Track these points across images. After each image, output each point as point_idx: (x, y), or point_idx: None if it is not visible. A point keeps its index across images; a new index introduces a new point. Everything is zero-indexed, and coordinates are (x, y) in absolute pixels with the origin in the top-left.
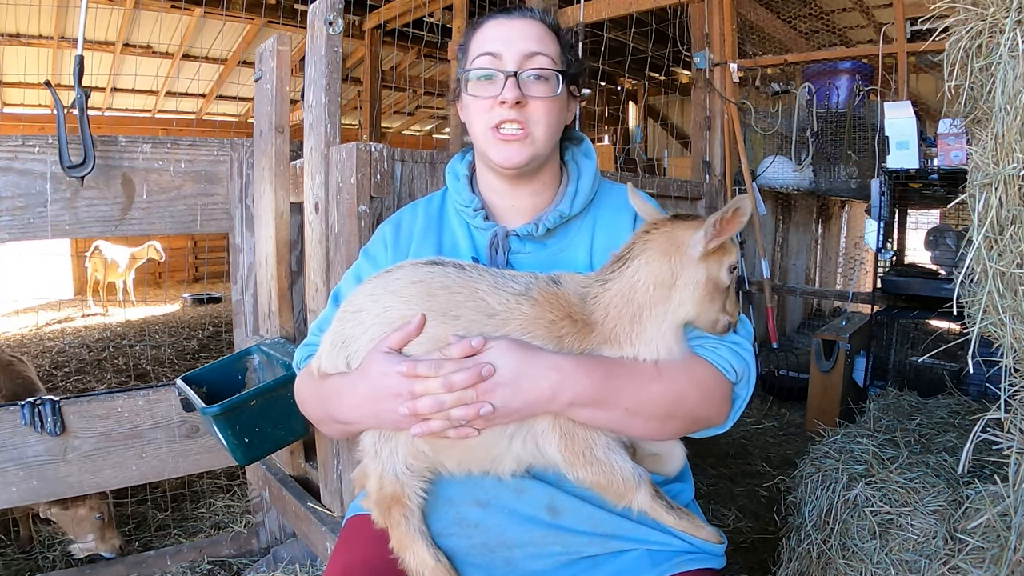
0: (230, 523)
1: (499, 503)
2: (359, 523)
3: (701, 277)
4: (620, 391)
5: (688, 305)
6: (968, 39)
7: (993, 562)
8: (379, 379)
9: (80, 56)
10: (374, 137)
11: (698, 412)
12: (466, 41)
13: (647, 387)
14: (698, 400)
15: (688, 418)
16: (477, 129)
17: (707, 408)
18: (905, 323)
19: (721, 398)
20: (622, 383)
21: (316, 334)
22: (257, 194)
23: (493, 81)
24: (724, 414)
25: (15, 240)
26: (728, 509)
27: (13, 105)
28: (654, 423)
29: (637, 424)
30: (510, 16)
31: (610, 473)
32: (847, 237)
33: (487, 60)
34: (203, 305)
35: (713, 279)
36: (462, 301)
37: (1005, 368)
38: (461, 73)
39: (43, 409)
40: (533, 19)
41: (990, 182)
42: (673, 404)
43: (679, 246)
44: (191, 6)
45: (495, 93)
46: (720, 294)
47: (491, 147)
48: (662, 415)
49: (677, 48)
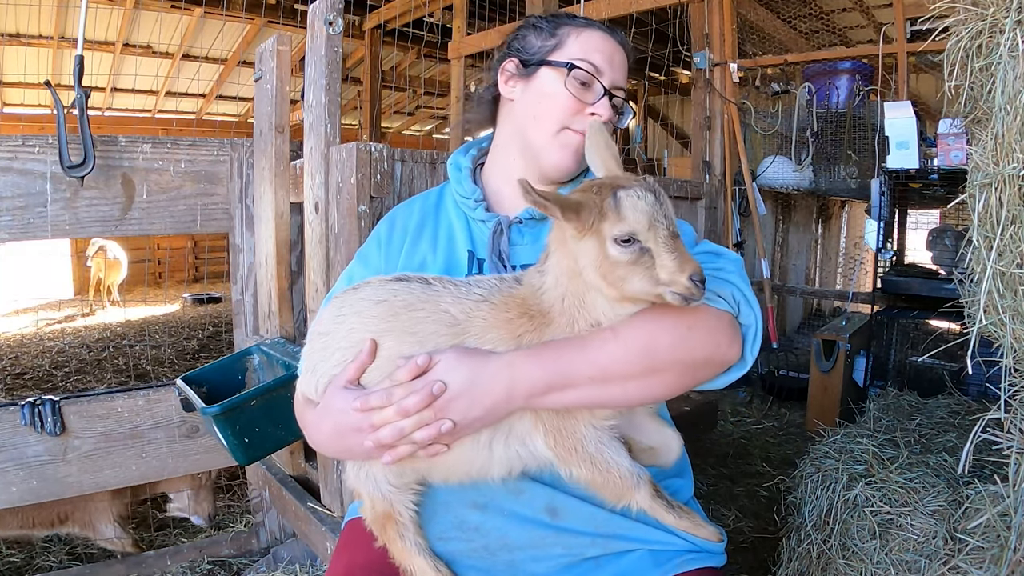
0: (230, 523)
1: (497, 505)
2: (359, 525)
3: (592, 256)
4: (574, 365)
5: (603, 287)
6: (968, 39)
7: (993, 562)
8: (339, 416)
9: (80, 56)
10: (374, 137)
11: (688, 355)
12: (559, 29)
13: (602, 351)
14: (676, 341)
15: (678, 365)
16: (548, 122)
17: (697, 346)
18: (905, 323)
19: (713, 329)
20: (573, 356)
21: None
22: (257, 194)
23: (590, 91)
24: (732, 346)
25: (15, 240)
26: (728, 509)
27: (13, 105)
28: (635, 384)
29: (616, 391)
30: (614, 36)
31: (606, 470)
32: (847, 237)
33: (591, 67)
34: (203, 305)
35: (602, 255)
36: (424, 316)
37: (1005, 368)
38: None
39: (43, 409)
40: (627, 49)
41: (990, 182)
42: (644, 356)
43: (565, 231)
44: (191, 6)
45: (589, 100)
46: (626, 268)
47: (554, 147)
48: (639, 372)
49: (677, 48)
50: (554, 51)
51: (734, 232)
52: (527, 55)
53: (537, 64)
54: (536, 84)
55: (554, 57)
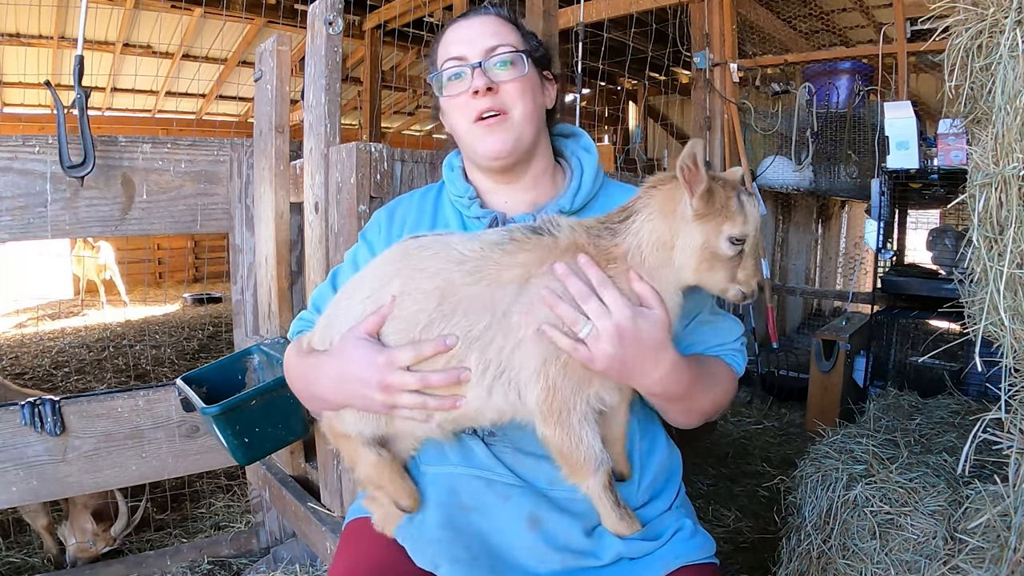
0: (230, 523)
1: (486, 509)
2: (360, 526)
3: (697, 241)
4: (694, 394)
5: (688, 270)
6: (968, 39)
7: (993, 562)
8: (353, 365)
9: (80, 56)
10: (374, 137)
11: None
12: (432, 54)
13: (708, 392)
14: (725, 403)
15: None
16: (461, 128)
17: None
18: (905, 323)
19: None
20: (697, 387)
21: (311, 309)
22: (257, 194)
23: (463, 79)
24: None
25: (15, 240)
26: (728, 509)
27: (13, 105)
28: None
29: (695, 415)
30: (467, 18)
31: (576, 444)
32: (847, 237)
33: (453, 63)
34: (203, 305)
35: (711, 247)
36: (433, 254)
37: (1005, 368)
38: (433, 80)
39: (43, 409)
40: (488, 15)
41: (990, 182)
42: (715, 405)
43: (676, 205)
44: (191, 6)
45: (463, 88)
46: (722, 263)
47: (476, 141)
48: (699, 412)
49: (677, 48)
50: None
51: None
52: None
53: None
54: (443, 106)
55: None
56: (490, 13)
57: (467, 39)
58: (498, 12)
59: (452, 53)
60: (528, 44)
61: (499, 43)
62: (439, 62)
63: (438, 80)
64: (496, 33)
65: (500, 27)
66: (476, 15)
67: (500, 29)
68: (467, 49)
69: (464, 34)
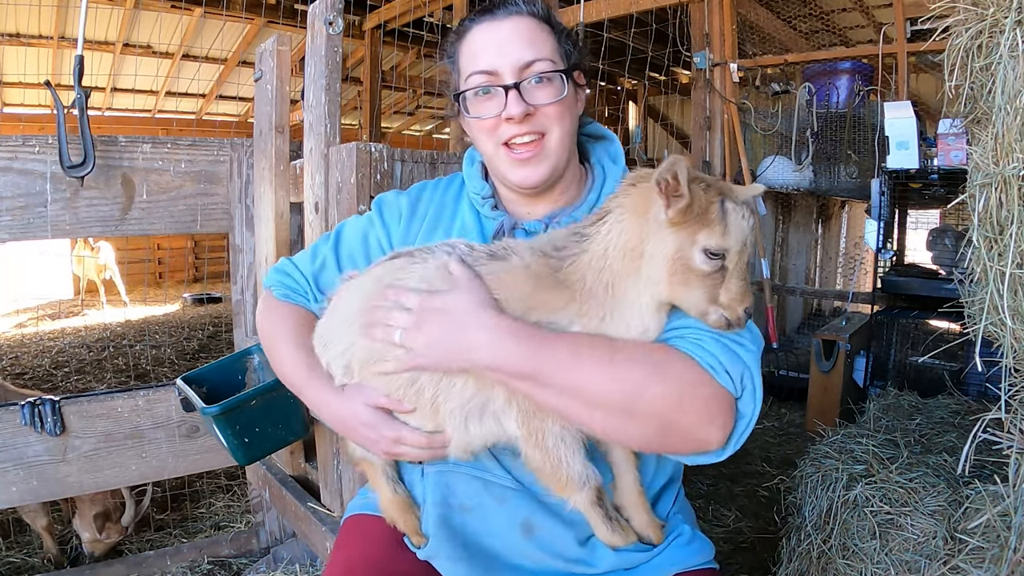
0: (230, 523)
1: (482, 511)
2: (358, 522)
3: (668, 250)
4: (554, 366)
5: (659, 284)
6: (968, 39)
7: (993, 562)
8: (363, 428)
9: (80, 56)
10: (374, 137)
11: (671, 414)
12: (453, 51)
13: (590, 368)
14: (667, 395)
15: (657, 420)
16: (486, 150)
17: (687, 411)
18: (905, 323)
19: (709, 400)
20: (559, 356)
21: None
22: (257, 194)
23: (493, 96)
24: (719, 428)
25: (15, 240)
26: (728, 509)
27: (13, 105)
28: (604, 416)
29: (583, 413)
30: (495, 17)
31: (556, 465)
32: (847, 237)
33: (483, 78)
34: (203, 305)
35: (683, 258)
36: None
37: (1005, 368)
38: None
39: (43, 409)
40: (521, 15)
41: (990, 182)
42: (628, 395)
43: (650, 206)
44: (191, 6)
45: (498, 110)
46: (697, 279)
47: (506, 168)
48: (614, 407)
49: (677, 48)
50: (458, 79)
51: None
52: (450, 93)
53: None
54: (465, 121)
55: (458, 86)
56: (523, 12)
57: (498, 48)
58: (531, 10)
59: (481, 65)
60: (563, 49)
61: (536, 56)
62: (463, 71)
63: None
64: (532, 41)
65: (536, 32)
66: (507, 14)
67: (536, 35)
68: (499, 62)
69: (493, 40)
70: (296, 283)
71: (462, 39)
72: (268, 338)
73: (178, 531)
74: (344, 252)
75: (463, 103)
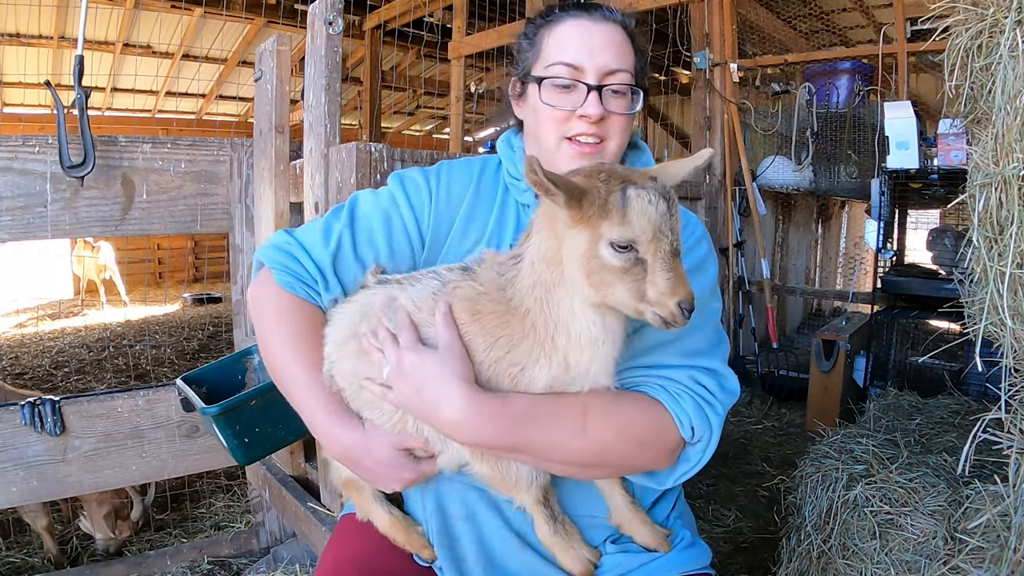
0: (230, 523)
1: (478, 519)
2: (351, 521)
3: (579, 249)
4: (528, 441)
5: (586, 287)
6: (968, 39)
7: (993, 562)
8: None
9: (80, 56)
10: (374, 137)
11: (629, 464)
12: (537, 35)
13: (564, 438)
14: (629, 453)
15: (614, 469)
16: (548, 138)
17: (643, 461)
18: (905, 323)
19: (663, 450)
20: (532, 432)
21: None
22: (257, 194)
23: (571, 91)
24: (664, 464)
25: (15, 240)
26: (728, 509)
27: (13, 105)
28: (573, 468)
29: (554, 467)
30: (592, 18)
31: (503, 472)
32: (847, 237)
33: (566, 71)
34: (203, 305)
35: (593, 255)
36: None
37: (1005, 368)
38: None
39: (43, 409)
40: (615, 23)
41: (990, 182)
42: (596, 456)
43: (556, 211)
44: (191, 6)
45: (574, 104)
46: (614, 276)
47: (565, 162)
48: (583, 464)
49: (677, 48)
50: (535, 62)
51: (734, 232)
52: (520, 72)
53: (523, 81)
54: (529, 101)
55: (535, 69)
56: (616, 21)
57: (588, 48)
58: (623, 22)
59: (567, 58)
60: (639, 65)
61: (620, 67)
62: (547, 57)
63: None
64: (619, 54)
65: (624, 45)
66: (602, 19)
67: (623, 48)
68: (586, 61)
69: (585, 40)
70: (303, 268)
71: (552, 26)
72: (264, 337)
73: (178, 531)
74: (362, 234)
75: (537, 87)
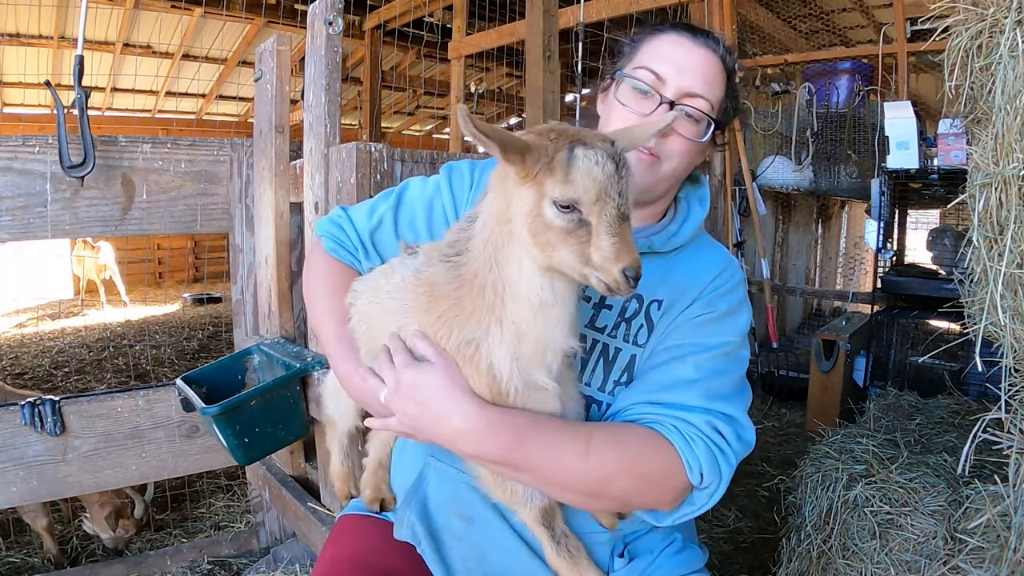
0: (230, 523)
1: (483, 523)
2: (348, 521)
3: (525, 207)
4: (530, 458)
5: (531, 246)
6: (968, 39)
7: (993, 562)
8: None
9: (80, 56)
10: (374, 137)
11: (632, 499)
12: (640, 39)
13: (567, 460)
14: (633, 487)
15: (616, 502)
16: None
17: (646, 497)
18: (905, 323)
19: (669, 490)
20: (535, 449)
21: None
22: (257, 194)
23: (647, 98)
24: (670, 506)
25: (15, 240)
26: (728, 509)
27: (13, 105)
28: (573, 495)
29: (554, 491)
30: (694, 38)
31: (501, 483)
32: (847, 237)
33: (650, 77)
34: (203, 305)
35: (538, 213)
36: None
37: (1005, 368)
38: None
39: (43, 409)
40: (715, 54)
41: (990, 182)
42: (598, 485)
43: (507, 172)
44: (191, 6)
45: (645, 112)
46: (558, 237)
47: None
48: (584, 491)
49: None
50: (628, 62)
51: (734, 232)
52: (611, 69)
53: (611, 77)
54: (608, 98)
55: (624, 67)
56: (718, 51)
57: (678, 64)
58: (724, 55)
59: (656, 67)
60: (726, 104)
61: (702, 94)
62: (638, 59)
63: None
64: (708, 81)
65: (716, 76)
66: (703, 44)
67: (714, 79)
68: (671, 75)
69: (680, 56)
70: (347, 237)
71: (655, 36)
72: (308, 293)
73: (178, 531)
74: (404, 216)
75: (617, 85)
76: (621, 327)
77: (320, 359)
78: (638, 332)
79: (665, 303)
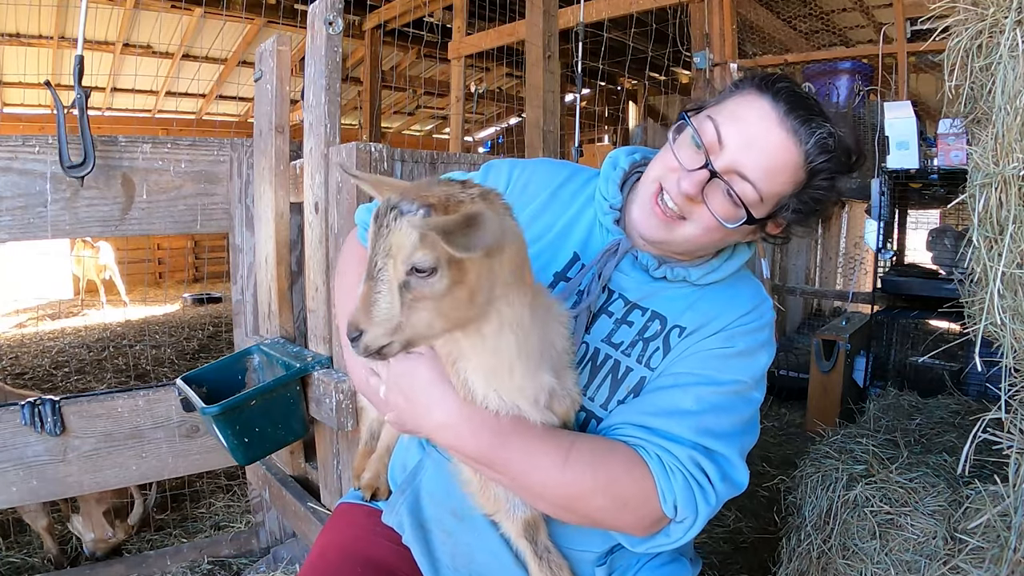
0: (230, 523)
1: (473, 522)
2: (344, 510)
3: None
4: (508, 461)
5: None
6: (968, 39)
7: (993, 562)
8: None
9: (80, 56)
10: (374, 137)
11: (604, 518)
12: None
13: (543, 469)
14: (605, 509)
15: (588, 520)
16: (654, 169)
17: (619, 521)
18: (905, 323)
19: (644, 517)
20: (513, 453)
21: None
22: (257, 194)
23: (696, 153)
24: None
25: (15, 240)
26: (728, 509)
27: (13, 105)
28: (547, 504)
29: (528, 496)
30: (783, 119)
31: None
32: (847, 237)
33: (711, 136)
34: (203, 305)
35: None
36: None
37: (1005, 368)
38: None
39: (43, 409)
40: (798, 145)
41: (990, 182)
42: (572, 500)
43: None
44: (191, 6)
45: (688, 165)
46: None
47: (638, 206)
48: (558, 502)
49: (677, 48)
50: (710, 105)
51: None
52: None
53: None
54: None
55: (705, 110)
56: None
57: (747, 139)
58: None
59: (723, 128)
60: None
61: (753, 181)
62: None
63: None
64: (770, 173)
65: (784, 169)
66: (792, 130)
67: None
68: (735, 146)
69: (755, 132)
70: None
71: (749, 93)
72: (337, 276)
73: (178, 531)
74: None
75: (677, 126)
76: (637, 346)
77: (320, 359)
78: (653, 354)
79: (688, 330)
